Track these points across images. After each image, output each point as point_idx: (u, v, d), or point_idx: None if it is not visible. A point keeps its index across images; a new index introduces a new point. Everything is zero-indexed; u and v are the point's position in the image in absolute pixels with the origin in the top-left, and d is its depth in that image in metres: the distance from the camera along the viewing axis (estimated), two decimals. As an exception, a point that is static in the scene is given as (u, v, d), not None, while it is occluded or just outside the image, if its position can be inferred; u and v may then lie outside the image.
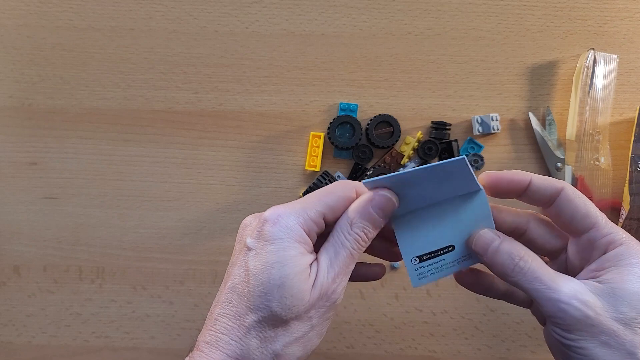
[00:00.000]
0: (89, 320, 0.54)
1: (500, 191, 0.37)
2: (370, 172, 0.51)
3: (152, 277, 0.54)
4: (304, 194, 0.52)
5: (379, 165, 0.53)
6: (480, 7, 0.55)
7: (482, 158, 0.53)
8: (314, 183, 0.51)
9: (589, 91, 0.53)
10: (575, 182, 0.53)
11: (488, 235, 0.35)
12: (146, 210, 0.54)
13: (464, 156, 0.33)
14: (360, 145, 0.53)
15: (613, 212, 0.53)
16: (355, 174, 0.53)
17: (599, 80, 0.53)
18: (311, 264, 0.34)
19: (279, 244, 0.33)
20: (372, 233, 0.35)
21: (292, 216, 0.34)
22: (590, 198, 0.53)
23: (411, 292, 0.54)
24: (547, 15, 0.55)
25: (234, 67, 0.54)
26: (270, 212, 0.34)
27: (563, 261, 0.37)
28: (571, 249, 0.36)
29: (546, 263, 0.35)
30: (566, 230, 0.36)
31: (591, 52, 0.53)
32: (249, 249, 0.34)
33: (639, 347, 0.31)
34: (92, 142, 0.54)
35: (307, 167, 0.53)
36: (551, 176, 0.53)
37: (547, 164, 0.53)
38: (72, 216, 0.54)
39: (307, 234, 0.34)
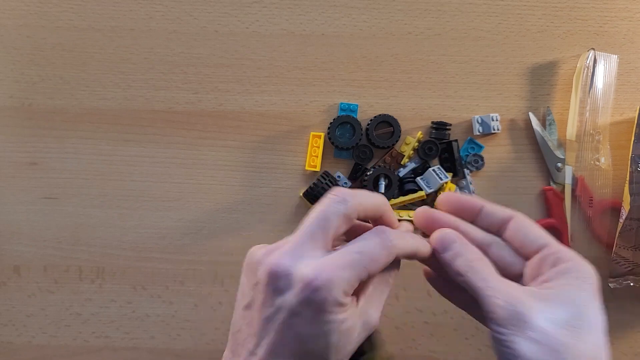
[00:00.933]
0: (89, 320, 0.54)
1: (456, 213, 0.40)
2: (370, 172, 0.51)
3: (152, 277, 0.54)
4: (304, 194, 0.52)
5: (379, 166, 0.53)
6: (480, 7, 0.55)
7: (482, 158, 0.53)
8: (314, 183, 0.51)
9: (589, 91, 0.53)
10: (575, 182, 0.53)
11: (449, 235, 0.37)
12: (146, 210, 0.54)
13: None
14: (360, 145, 0.53)
15: (613, 212, 0.53)
16: (355, 174, 0.53)
17: (599, 81, 0.53)
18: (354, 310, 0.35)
19: (331, 317, 0.33)
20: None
21: (341, 283, 0.33)
22: (591, 198, 0.53)
23: (411, 293, 0.54)
24: (547, 15, 0.55)
25: (234, 67, 0.54)
26: (314, 272, 0.33)
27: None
28: (526, 271, 0.38)
29: None
30: (521, 254, 0.39)
31: (591, 52, 0.53)
32: (294, 313, 0.33)
33: (566, 347, 0.32)
34: (92, 142, 0.54)
35: (307, 167, 0.53)
36: (552, 176, 0.53)
37: (547, 164, 0.53)
38: (72, 216, 0.54)
39: (348, 297, 0.34)
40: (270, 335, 0.33)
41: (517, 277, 0.39)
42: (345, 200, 0.35)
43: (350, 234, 0.38)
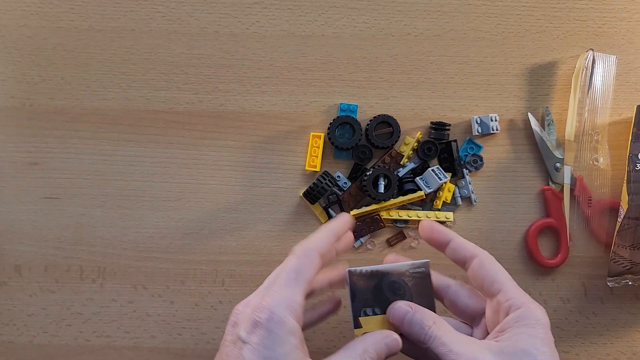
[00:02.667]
0: (90, 319, 0.54)
1: (429, 241, 0.45)
2: (370, 172, 0.52)
3: (153, 277, 0.54)
4: (304, 194, 0.52)
5: (379, 166, 0.53)
6: (479, 8, 0.55)
7: (481, 158, 0.54)
8: (314, 183, 0.52)
9: (588, 91, 0.53)
10: (574, 182, 0.53)
11: (402, 308, 0.40)
12: (147, 210, 0.54)
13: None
14: (360, 145, 0.53)
15: (612, 211, 0.53)
16: (355, 174, 0.54)
17: (598, 81, 0.53)
18: None
19: (275, 339, 0.35)
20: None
21: (284, 308, 0.36)
22: (589, 198, 0.53)
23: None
24: (546, 16, 0.55)
25: (235, 67, 0.55)
26: (261, 304, 0.36)
27: (484, 325, 0.42)
28: (487, 312, 0.41)
29: (471, 328, 0.43)
30: (482, 293, 0.42)
31: (590, 53, 0.53)
32: (244, 343, 0.36)
33: None
34: (93, 142, 0.54)
35: (307, 167, 0.53)
36: (550, 176, 0.54)
37: (546, 164, 0.54)
38: (73, 216, 0.54)
39: (297, 322, 0.37)
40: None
41: (476, 317, 0.43)
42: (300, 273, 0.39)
43: None
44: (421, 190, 0.52)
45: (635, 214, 0.49)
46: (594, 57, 0.53)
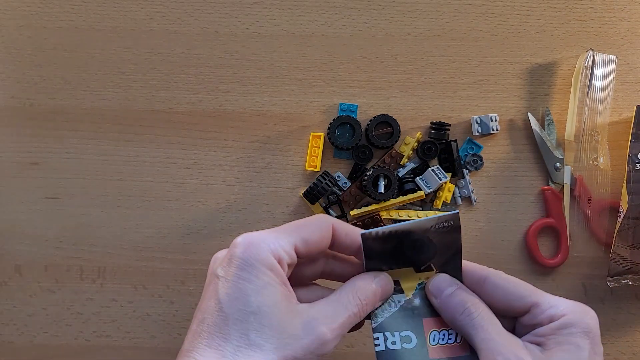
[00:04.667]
0: (90, 319, 0.54)
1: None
2: (370, 172, 0.52)
3: (153, 277, 0.54)
4: (304, 194, 0.52)
5: (379, 166, 0.53)
6: (479, 8, 0.55)
7: (481, 158, 0.54)
8: (314, 183, 0.52)
9: (588, 91, 0.53)
10: (574, 182, 0.53)
11: (446, 280, 0.36)
12: (147, 210, 0.54)
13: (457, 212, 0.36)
14: (360, 145, 0.53)
15: (612, 211, 0.53)
16: (355, 174, 0.54)
17: (598, 81, 0.53)
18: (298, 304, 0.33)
19: (250, 270, 0.32)
20: (369, 307, 0.35)
21: (264, 243, 0.33)
22: (589, 198, 0.53)
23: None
24: (546, 16, 0.55)
25: (235, 67, 0.55)
26: (240, 238, 0.33)
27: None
28: (517, 328, 0.36)
29: None
30: (506, 315, 0.36)
31: (590, 53, 0.53)
32: (218, 278, 0.32)
33: None
34: (94, 142, 0.54)
35: (307, 167, 0.53)
36: (550, 176, 0.54)
37: (546, 164, 0.54)
38: (74, 216, 0.54)
39: (278, 263, 0.33)
40: (202, 302, 0.33)
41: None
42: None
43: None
44: (421, 190, 0.52)
45: (635, 213, 0.50)
46: (594, 57, 0.53)
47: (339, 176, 0.54)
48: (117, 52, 0.55)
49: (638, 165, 0.50)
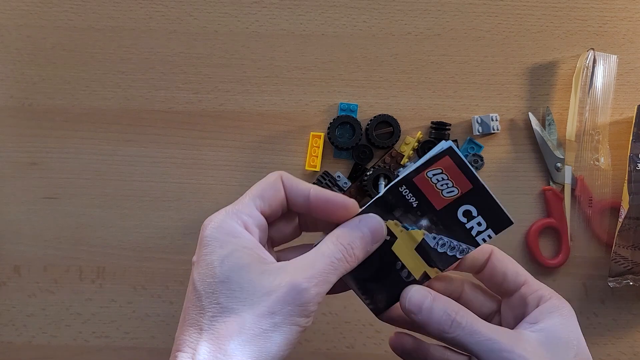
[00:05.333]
0: (89, 320, 0.54)
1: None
2: (370, 172, 0.51)
3: (153, 277, 0.54)
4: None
5: (379, 166, 0.53)
6: (480, 8, 0.55)
7: (482, 158, 0.54)
8: (314, 183, 0.51)
9: (589, 91, 0.53)
10: (574, 182, 0.53)
11: (420, 293, 0.34)
12: (147, 210, 0.54)
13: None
14: (360, 145, 0.53)
15: (612, 211, 0.53)
16: (355, 174, 0.54)
17: (599, 81, 0.53)
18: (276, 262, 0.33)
19: (215, 243, 0.32)
20: (359, 251, 0.34)
21: (223, 215, 0.33)
22: (590, 198, 0.53)
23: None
24: (546, 15, 0.55)
25: (234, 67, 0.54)
26: (206, 221, 0.34)
27: (497, 323, 0.38)
28: (504, 310, 0.38)
29: None
30: (498, 291, 0.38)
31: (591, 53, 0.53)
32: (193, 264, 0.33)
33: None
34: (93, 142, 0.54)
35: (307, 167, 0.53)
36: (551, 176, 0.53)
37: (546, 164, 0.54)
38: (73, 216, 0.54)
39: (245, 229, 0.33)
40: (185, 299, 0.33)
41: (489, 317, 0.38)
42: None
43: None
44: (421, 190, 0.52)
45: (636, 213, 0.49)
46: (594, 56, 0.53)
47: (339, 176, 0.53)
48: (116, 51, 0.55)
49: (639, 165, 0.50)
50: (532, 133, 0.54)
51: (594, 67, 0.53)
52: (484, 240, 0.34)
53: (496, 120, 0.53)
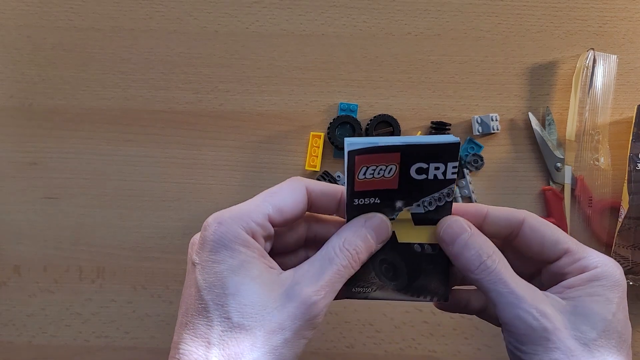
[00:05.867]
0: (89, 320, 0.54)
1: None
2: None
3: (152, 277, 0.54)
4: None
5: (379, 165, 0.53)
6: (480, 8, 0.55)
7: (481, 158, 0.54)
8: (314, 183, 0.51)
9: (589, 91, 0.53)
10: (574, 182, 0.53)
11: (459, 225, 0.33)
12: (146, 210, 0.54)
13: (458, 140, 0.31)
14: (360, 145, 0.53)
15: (612, 211, 0.53)
16: (355, 174, 0.54)
17: (599, 81, 0.53)
18: (282, 274, 0.32)
19: (223, 251, 0.31)
20: (364, 255, 0.33)
21: (234, 221, 0.31)
22: (590, 198, 0.53)
23: (411, 292, 0.54)
24: (546, 15, 0.55)
25: (234, 67, 0.54)
26: (211, 218, 0.32)
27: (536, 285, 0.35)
28: (544, 274, 0.35)
29: None
30: (537, 259, 0.34)
31: (591, 52, 0.53)
32: (195, 265, 0.31)
33: None
34: (93, 142, 0.54)
35: (307, 167, 0.53)
36: (551, 176, 0.53)
37: (546, 164, 0.54)
38: (73, 216, 0.54)
39: (253, 237, 0.31)
40: (184, 290, 0.32)
41: (528, 277, 0.35)
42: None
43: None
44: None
45: (636, 213, 0.49)
46: (594, 56, 0.53)
47: (339, 176, 0.53)
48: (116, 51, 0.55)
49: (639, 165, 0.50)
50: (532, 133, 0.54)
51: (594, 67, 0.53)
52: (453, 174, 0.32)
53: (496, 120, 0.53)
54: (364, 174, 0.32)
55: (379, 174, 0.32)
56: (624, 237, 0.50)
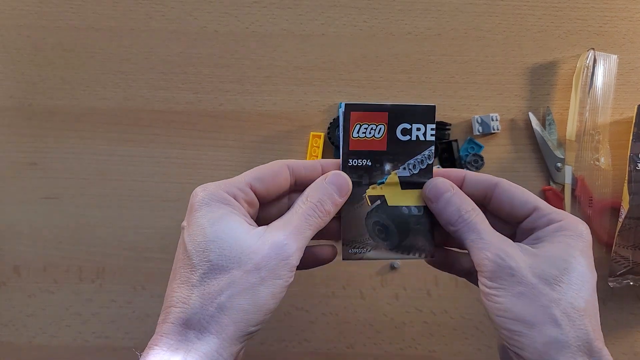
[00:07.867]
0: (89, 320, 0.54)
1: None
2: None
3: (152, 277, 0.54)
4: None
5: (379, 165, 0.53)
6: (480, 7, 0.55)
7: (482, 158, 0.54)
8: (314, 183, 0.51)
9: (589, 91, 0.53)
10: (575, 182, 0.53)
11: (444, 184, 0.38)
12: (146, 210, 0.54)
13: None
14: (360, 145, 0.53)
15: (613, 211, 0.53)
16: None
17: (599, 80, 0.53)
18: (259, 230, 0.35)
19: (205, 208, 0.34)
20: (330, 206, 0.36)
21: (217, 186, 0.35)
22: (590, 198, 0.53)
23: (411, 292, 0.54)
24: (547, 15, 0.55)
25: (234, 67, 0.54)
26: (197, 189, 0.36)
27: None
28: (518, 235, 0.38)
29: None
30: (511, 220, 0.38)
31: (591, 52, 0.53)
32: (182, 228, 0.35)
33: (554, 302, 0.33)
34: (92, 142, 0.54)
35: (307, 167, 0.53)
36: (551, 176, 0.53)
37: (547, 164, 0.54)
38: (73, 216, 0.54)
39: (233, 198, 0.35)
40: (174, 261, 0.35)
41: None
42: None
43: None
44: (421, 190, 0.52)
45: (636, 213, 0.49)
46: (595, 56, 0.53)
47: (339, 176, 0.53)
48: (116, 51, 0.54)
49: (639, 165, 0.50)
50: (532, 133, 0.54)
51: (594, 67, 0.53)
52: (432, 136, 0.38)
53: (496, 120, 0.53)
54: (358, 132, 0.38)
55: (370, 133, 0.38)
56: (624, 237, 0.50)
